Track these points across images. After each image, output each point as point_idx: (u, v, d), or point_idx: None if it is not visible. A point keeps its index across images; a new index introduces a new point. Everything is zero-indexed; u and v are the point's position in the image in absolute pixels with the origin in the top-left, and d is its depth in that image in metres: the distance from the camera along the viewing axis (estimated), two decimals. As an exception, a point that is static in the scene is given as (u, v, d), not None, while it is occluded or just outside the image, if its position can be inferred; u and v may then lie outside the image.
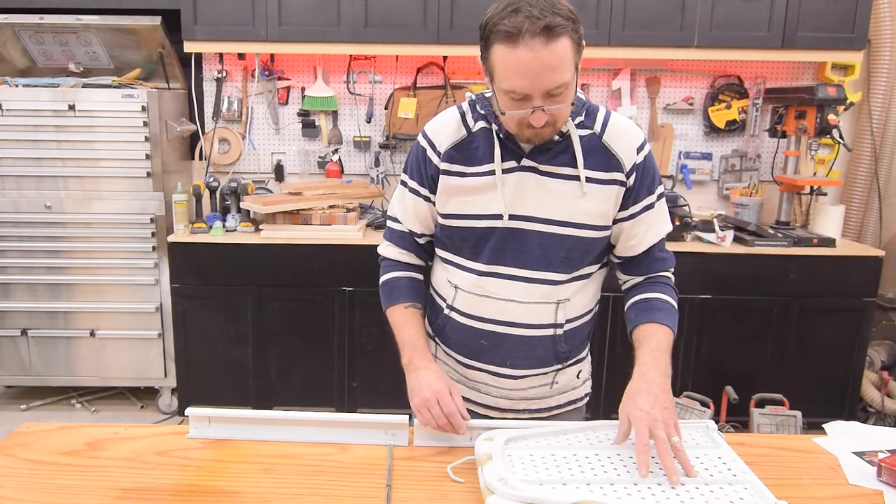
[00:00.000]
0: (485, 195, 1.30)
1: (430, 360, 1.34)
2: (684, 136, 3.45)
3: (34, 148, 3.02)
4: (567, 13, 1.11)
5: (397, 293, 1.43)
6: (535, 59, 1.10)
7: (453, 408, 1.24)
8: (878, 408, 3.09)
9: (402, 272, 1.45)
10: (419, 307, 1.43)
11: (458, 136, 1.34)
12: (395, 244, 1.46)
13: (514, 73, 1.13)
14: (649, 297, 1.36)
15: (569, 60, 1.13)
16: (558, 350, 1.37)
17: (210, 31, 3.03)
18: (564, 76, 1.13)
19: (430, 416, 1.24)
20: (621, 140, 1.29)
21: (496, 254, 1.31)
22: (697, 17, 2.99)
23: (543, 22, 1.08)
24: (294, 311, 3.04)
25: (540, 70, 1.11)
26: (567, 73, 1.13)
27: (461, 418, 1.24)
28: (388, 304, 1.44)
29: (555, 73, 1.12)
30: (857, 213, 3.41)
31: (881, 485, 1.16)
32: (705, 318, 3.00)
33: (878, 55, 3.24)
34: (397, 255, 1.46)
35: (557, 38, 1.09)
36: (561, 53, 1.11)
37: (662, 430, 1.12)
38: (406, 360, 1.36)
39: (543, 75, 1.12)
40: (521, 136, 1.24)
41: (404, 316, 1.40)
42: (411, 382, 1.32)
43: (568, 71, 1.13)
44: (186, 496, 1.10)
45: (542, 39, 1.09)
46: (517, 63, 1.11)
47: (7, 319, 3.17)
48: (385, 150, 3.46)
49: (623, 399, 1.22)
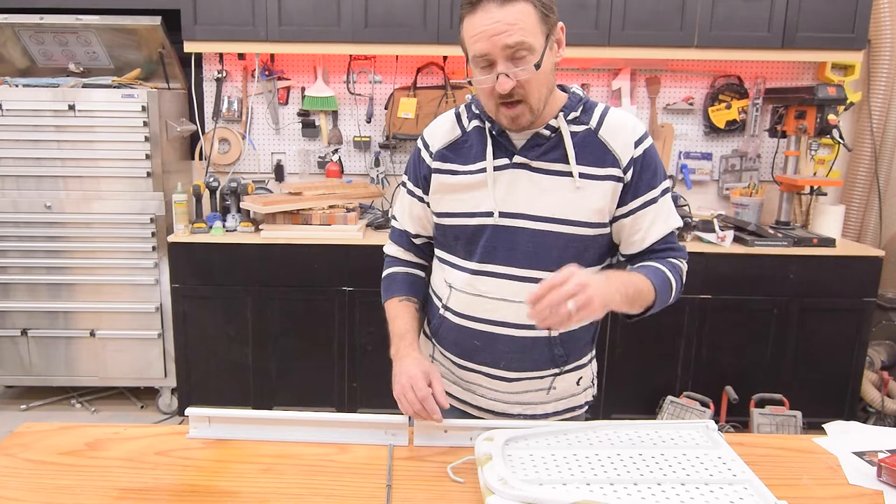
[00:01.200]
0: (476, 192, 1.31)
1: (413, 349, 1.34)
2: (684, 136, 3.45)
3: (34, 148, 3.02)
4: None
5: (394, 287, 1.47)
6: (491, 17, 1.15)
7: (425, 392, 1.23)
8: (878, 408, 3.09)
9: (400, 267, 1.49)
10: (414, 301, 1.45)
11: (452, 135, 1.36)
12: (395, 242, 1.51)
13: (475, 38, 1.17)
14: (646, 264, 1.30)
15: (529, 24, 1.16)
16: (554, 353, 1.36)
17: (210, 31, 3.03)
18: (525, 36, 1.15)
19: (405, 403, 1.25)
20: (618, 135, 1.28)
21: (488, 252, 1.31)
22: (697, 17, 2.99)
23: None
24: (294, 311, 3.04)
25: (497, 29, 1.15)
26: (528, 35, 1.16)
27: (434, 403, 1.23)
28: (385, 297, 1.48)
29: (511, 30, 1.15)
30: (857, 213, 3.41)
31: (881, 485, 1.16)
32: (705, 318, 3.00)
33: (878, 55, 3.24)
34: (397, 252, 1.51)
35: (513, 1, 1.15)
36: (518, 14, 1.15)
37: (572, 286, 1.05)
38: (393, 351, 1.37)
39: (500, 34, 1.15)
40: (499, 118, 1.25)
41: (396, 308, 1.43)
42: (395, 369, 1.32)
43: (529, 34, 1.16)
44: (186, 496, 1.10)
45: (497, 2, 1.15)
46: (474, 27, 1.17)
47: (7, 319, 3.17)
48: (385, 150, 3.46)
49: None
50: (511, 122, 1.24)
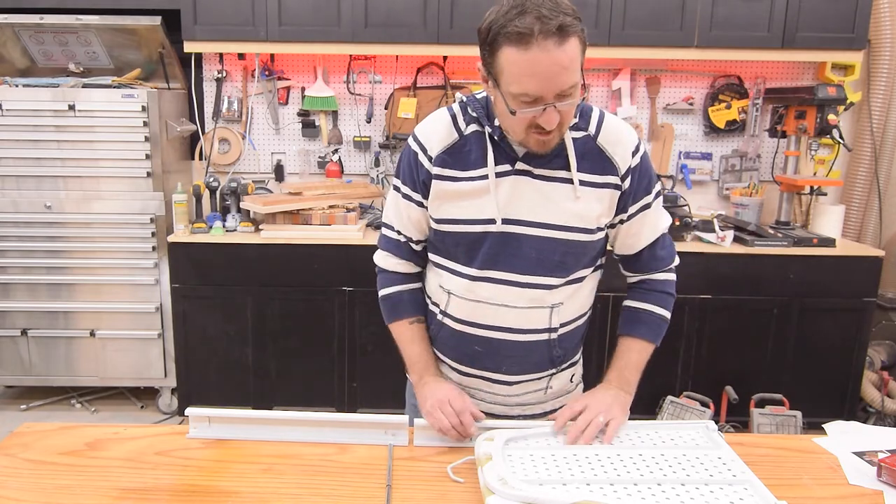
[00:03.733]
0: (478, 200, 1.28)
1: (440, 375, 1.40)
2: (684, 136, 3.45)
3: (34, 148, 3.02)
4: (573, 12, 1.09)
5: (401, 308, 1.42)
6: (549, 59, 1.07)
7: (464, 406, 1.28)
8: (878, 408, 3.09)
9: (403, 285, 1.43)
10: (423, 320, 1.44)
11: (449, 139, 1.31)
12: (392, 253, 1.43)
13: (527, 75, 1.09)
14: (638, 308, 1.40)
15: (578, 59, 1.11)
16: (553, 355, 1.37)
17: (210, 31, 3.03)
18: (576, 76, 1.11)
19: (441, 415, 1.26)
20: (618, 144, 1.28)
21: (490, 259, 1.30)
22: (697, 17, 2.99)
23: (556, 22, 1.06)
24: (294, 311, 3.04)
25: (555, 71, 1.09)
26: (578, 72, 1.12)
27: (470, 417, 1.27)
28: (391, 318, 1.44)
29: (567, 73, 1.10)
30: (857, 213, 3.41)
31: (881, 485, 1.16)
32: (705, 318, 3.00)
33: (878, 55, 3.24)
34: (395, 265, 1.43)
35: (568, 37, 1.07)
36: (572, 53, 1.09)
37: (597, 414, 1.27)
38: (416, 378, 1.39)
39: (557, 76, 1.09)
40: (527, 142, 1.21)
41: (411, 332, 1.41)
42: (424, 392, 1.34)
43: (578, 70, 1.12)
44: (186, 496, 1.10)
45: (555, 39, 1.06)
46: (530, 65, 1.08)
47: (7, 319, 3.17)
48: (385, 150, 3.46)
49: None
50: (542, 146, 1.21)
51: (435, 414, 1.26)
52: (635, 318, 1.40)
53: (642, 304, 1.40)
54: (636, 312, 1.40)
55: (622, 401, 1.32)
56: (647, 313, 1.39)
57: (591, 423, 1.24)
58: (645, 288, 1.41)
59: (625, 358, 1.38)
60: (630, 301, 1.42)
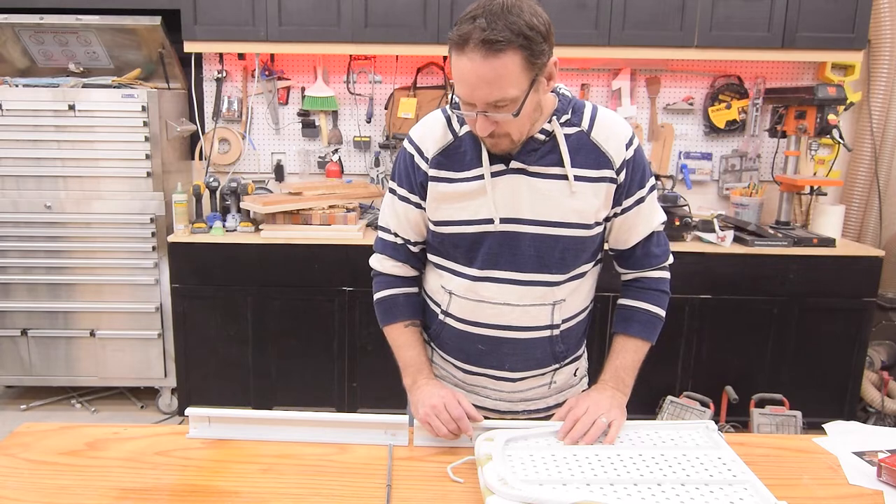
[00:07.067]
0: (475, 200, 1.28)
1: (432, 379, 1.37)
2: (684, 136, 3.45)
3: (34, 148, 3.02)
4: (521, 29, 1.09)
5: (395, 311, 1.42)
6: (473, 70, 1.11)
7: (460, 412, 1.26)
8: (878, 408, 3.09)
9: (398, 289, 1.43)
10: (418, 324, 1.43)
11: (444, 140, 1.31)
12: (389, 256, 1.43)
13: (458, 79, 1.15)
14: (632, 306, 1.41)
15: (512, 75, 1.11)
16: (555, 350, 1.37)
17: (210, 31, 3.03)
18: (506, 91, 1.12)
19: (438, 422, 1.25)
20: (610, 137, 1.29)
21: (490, 258, 1.30)
22: (697, 17, 2.99)
23: (487, 35, 1.08)
24: (294, 311, 3.04)
25: (477, 82, 1.12)
26: (511, 88, 1.12)
27: (468, 422, 1.26)
28: (386, 321, 1.43)
29: (492, 87, 1.11)
30: (857, 213, 3.41)
31: (881, 485, 1.16)
32: (705, 318, 3.00)
33: (878, 55, 3.24)
34: (392, 268, 1.43)
35: (498, 53, 1.08)
36: (501, 69, 1.10)
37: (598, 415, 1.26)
38: (409, 381, 1.38)
39: (480, 87, 1.12)
40: (482, 141, 1.25)
41: (404, 335, 1.41)
42: (416, 396, 1.33)
43: (512, 87, 1.12)
44: (186, 496, 1.10)
45: (481, 53, 1.09)
46: (458, 71, 1.14)
47: (7, 319, 3.17)
48: (385, 150, 3.46)
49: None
50: (492, 147, 1.25)
51: (432, 422, 1.26)
52: (630, 317, 1.40)
53: (637, 302, 1.40)
54: (631, 311, 1.40)
55: (619, 402, 1.32)
56: (641, 312, 1.39)
57: (594, 425, 1.24)
58: (639, 286, 1.41)
59: (620, 357, 1.38)
60: (624, 299, 1.43)
